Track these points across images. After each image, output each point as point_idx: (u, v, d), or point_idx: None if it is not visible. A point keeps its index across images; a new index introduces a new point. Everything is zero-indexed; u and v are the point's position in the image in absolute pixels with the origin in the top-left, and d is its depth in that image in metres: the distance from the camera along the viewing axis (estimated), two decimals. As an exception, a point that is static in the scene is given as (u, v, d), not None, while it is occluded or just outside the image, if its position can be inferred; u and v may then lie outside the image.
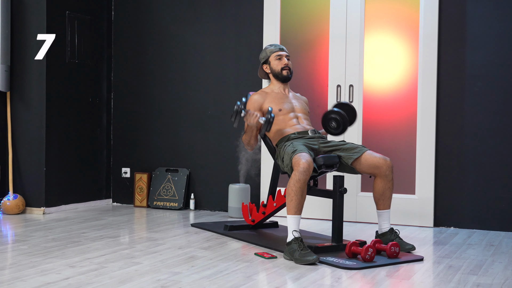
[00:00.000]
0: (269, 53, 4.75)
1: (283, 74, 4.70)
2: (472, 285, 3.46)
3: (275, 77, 4.73)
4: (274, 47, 4.76)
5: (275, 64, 4.72)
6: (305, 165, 4.04)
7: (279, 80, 4.73)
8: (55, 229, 4.96)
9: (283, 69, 4.69)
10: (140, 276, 3.52)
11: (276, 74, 4.72)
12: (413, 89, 5.41)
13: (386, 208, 4.38)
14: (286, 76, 4.70)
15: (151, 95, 6.33)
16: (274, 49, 4.75)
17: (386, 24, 5.51)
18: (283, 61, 4.71)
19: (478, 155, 5.25)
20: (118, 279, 3.43)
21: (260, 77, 4.87)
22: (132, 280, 3.42)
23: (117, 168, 6.46)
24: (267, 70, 4.77)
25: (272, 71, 4.74)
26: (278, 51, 4.74)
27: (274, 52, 4.74)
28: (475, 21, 5.24)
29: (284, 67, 4.69)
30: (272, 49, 4.76)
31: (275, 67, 4.71)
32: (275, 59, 4.72)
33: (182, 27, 6.20)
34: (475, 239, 4.82)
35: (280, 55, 4.72)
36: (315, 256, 3.87)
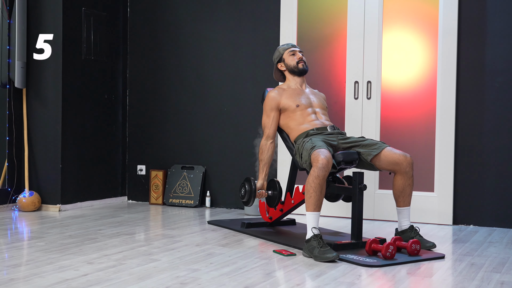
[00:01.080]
0: (282, 51, 4.77)
1: (299, 67, 4.68)
2: (496, 283, 3.40)
3: (292, 72, 4.71)
4: (286, 45, 4.82)
5: (289, 60, 4.71)
6: (324, 161, 3.99)
7: (295, 74, 4.70)
8: (71, 226, 4.94)
9: (298, 62, 4.69)
10: (159, 272, 3.48)
11: (292, 69, 4.70)
12: (432, 86, 5.35)
13: (406, 205, 4.32)
14: (302, 68, 4.68)
15: (166, 92, 6.30)
16: (287, 47, 4.79)
17: (405, 20, 5.45)
18: (297, 55, 4.72)
19: (498, 152, 5.18)
20: (137, 276, 3.40)
21: (276, 79, 4.86)
22: (151, 277, 3.38)
23: (133, 165, 6.44)
24: (282, 68, 4.74)
25: (287, 67, 4.71)
26: (290, 48, 4.77)
27: (287, 49, 4.77)
28: (496, 16, 5.17)
29: (299, 61, 4.70)
30: (285, 47, 4.80)
31: (290, 62, 4.70)
32: (289, 55, 4.72)
33: (198, 24, 6.16)
34: (495, 237, 4.76)
35: (293, 50, 4.75)
36: (335, 254, 3.82)
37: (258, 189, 4.62)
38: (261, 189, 4.64)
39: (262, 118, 4.67)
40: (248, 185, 4.63)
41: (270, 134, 4.61)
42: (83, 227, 4.89)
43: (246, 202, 4.65)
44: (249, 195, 4.61)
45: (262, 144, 4.62)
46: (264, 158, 4.60)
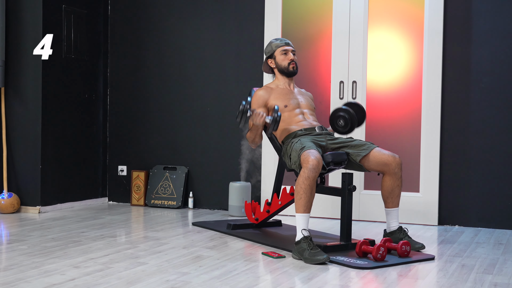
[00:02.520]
0: (275, 47, 4.64)
1: (289, 70, 4.59)
2: (489, 284, 3.38)
3: (281, 72, 4.63)
4: (280, 41, 4.66)
5: (280, 59, 4.61)
6: (314, 162, 3.94)
7: (284, 75, 4.62)
8: (53, 228, 4.83)
9: (289, 64, 4.59)
10: (148, 276, 3.40)
11: (281, 69, 4.61)
12: (417, 86, 5.33)
13: (395, 206, 4.29)
14: (292, 71, 4.60)
15: (148, 91, 6.20)
16: (280, 43, 4.64)
17: (390, 20, 5.42)
18: (289, 56, 4.60)
19: (484, 152, 5.18)
20: (126, 280, 3.32)
21: (264, 71, 4.76)
22: (141, 281, 3.30)
23: (114, 166, 6.33)
24: (272, 64, 4.66)
25: (277, 66, 4.63)
26: (284, 46, 4.63)
27: (280, 46, 4.63)
28: (481, 17, 5.17)
29: (290, 62, 4.59)
30: (278, 43, 4.65)
31: (281, 62, 4.61)
32: (280, 53, 4.62)
33: (181, 22, 6.08)
34: (482, 238, 4.75)
35: (286, 50, 4.61)
36: (325, 256, 3.78)
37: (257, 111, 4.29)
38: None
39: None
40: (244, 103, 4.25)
41: None
42: (65, 229, 4.79)
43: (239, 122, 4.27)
44: (241, 114, 4.22)
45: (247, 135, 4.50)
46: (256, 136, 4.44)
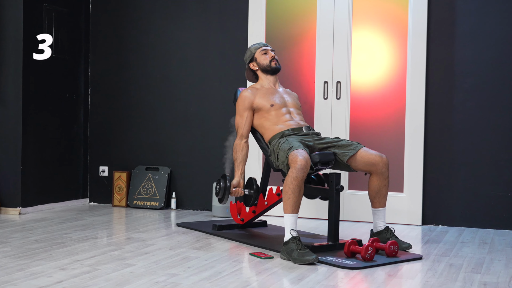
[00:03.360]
0: (254, 50, 4.68)
1: (272, 66, 4.60)
2: (478, 284, 3.39)
3: (264, 72, 4.62)
4: (258, 44, 4.73)
5: (262, 59, 4.62)
6: (302, 162, 3.92)
7: (268, 73, 4.62)
8: (35, 230, 4.75)
9: (271, 61, 4.61)
10: (137, 278, 3.35)
11: (264, 68, 4.61)
12: (401, 86, 5.35)
13: (381, 206, 4.30)
14: (275, 67, 4.61)
15: (130, 91, 6.14)
16: (258, 46, 4.70)
17: (374, 21, 5.43)
18: (270, 54, 4.64)
19: (467, 152, 5.21)
20: (115, 282, 3.27)
21: (248, 79, 4.76)
22: (130, 283, 3.25)
23: (95, 166, 6.25)
24: (255, 67, 4.64)
25: (260, 66, 4.63)
26: (262, 47, 4.69)
27: (259, 48, 4.68)
28: (464, 19, 5.20)
29: (272, 59, 4.62)
30: (256, 46, 4.71)
31: (263, 61, 4.61)
32: (261, 54, 4.64)
33: (164, 21, 6.03)
34: (466, 237, 4.78)
35: (265, 49, 4.66)
36: (314, 256, 3.76)
37: (234, 186, 4.48)
38: (237, 186, 4.50)
39: (235, 119, 4.57)
40: (223, 181, 4.49)
41: (244, 133, 4.50)
42: (47, 231, 4.71)
43: (220, 200, 4.53)
44: (223, 192, 4.47)
45: (236, 143, 4.50)
46: (239, 157, 4.47)
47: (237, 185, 4.48)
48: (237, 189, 4.48)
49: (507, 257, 4.09)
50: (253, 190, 4.56)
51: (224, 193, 4.45)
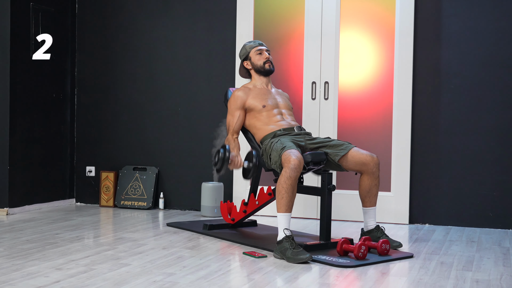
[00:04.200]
0: (249, 49, 4.67)
1: (266, 68, 4.62)
2: (471, 281, 3.45)
3: (258, 72, 4.65)
4: (254, 43, 4.70)
5: (256, 59, 4.64)
6: (296, 162, 3.96)
7: (261, 74, 4.65)
8: (25, 230, 4.73)
9: (265, 63, 4.63)
10: (134, 278, 3.36)
11: (258, 69, 4.64)
12: (388, 87, 5.41)
13: (372, 205, 4.35)
14: (269, 69, 4.63)
15: (117, 91, 6.13)
16: (254, 45, 4.69)
17: (362, 22, 5.49)
18: (264, 55, 4.64)
19: (454, 152, 5.29)
20: (112, 281, 3.27)
21: (241, 76, 4.78)
22: (128, 282, 3.26)
23: (81, 166, 6.23)
24: (248, 66, 4.68)
25: (253, 66, 4.65)
26: (258, 46, 4.68)
27: (254, 47, 4.67)
28: (451, 20, 5.28)
29: (266, 61, 4.63)
30: (252, 44, 4.69)
31: (257, 62, 4.64)
32: (255, 54, 4.65)
33: (151, 21, 6.03)
34: (454, 236, 4.85)
35: (260, 49, 4.66)
36: (308, 255, 3.80)
37: (234, 157, 4.35)
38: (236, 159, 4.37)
39: (226, 118, 4.59)
40: (222, 151, 4.32)
41: (235, 129, 4.50)
42: (38, 231, 4.69)
43: (218, 170, 4.34)
44: (221, 162, 4.30)
45: (227, 138, 4.51)
46: (235, 145, 4.44)
47: (236, 156, 4.37)
48: (238, 159, 4.35)
49: (495, 255, 4.17)
50: (252, 163, 4.37)
51: (223, 163, 4.29)
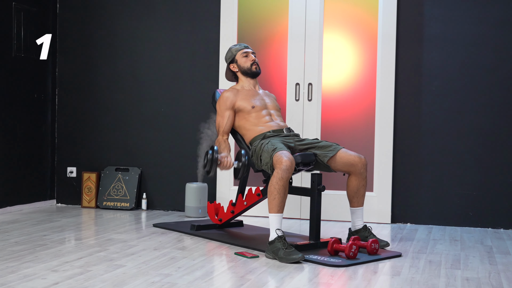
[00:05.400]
0: (235, 51, 4.72)
1: (252, 70, 4.67)
2: (462, 279, 3.54)
3: (244, 74, 4.69)
4: (239, 46, 4.76)
5: (242, 61, 4.68)
6: (288, 163, 4.01)
7: (248, 76, 4.69)
8: (11, 232, 4.69)
9: (252, 64, 4.67)
10: (132, 279, 3.38)
11: (245, 71, 4.68)
12: (371, 88, 5.49)
13: (360, 205, 4.42)
14: (256, 71, 4.68)
15: (99, 91, 6.11)
16: (240, 48, 4.74)
17: (345, 24, 5.56)
18: (250, 57, 4.70)
19: (435, 153, 5.40)
20: (111, 283, 3.28)
21: (228, 79, 4.81)
22: (126, 283, 3.28)
23: (62, 167, 6.19)
24: (235, 69, 4.71)
25: (240, 69, 4.69)
26: (243, 49, 4.73)
27: (240, 50, 4.72)
28: (432, 23, 5.38)
29: (252, 63, 4.68)
30: (237, 47, 4.74)
31: (243, 64, 4.68)
32: (241, 56, 4.69)
33: (134, 21, 6.02)
34: (436, 235, 4.95)
35: (246, 52, 4.71)
36: (300, 255, 3.85)
37: (223, 157, 4.36)
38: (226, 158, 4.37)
39: (216, 119, 4.61)
40: (211, 152, 4.33)
41: (225, 130, 4.53)
42: (24, 233, 4.66)
43: (207, 172, 4.35)
44: (210, 164, 4.31)
45: (218, 139, 4.53)
46: (225, 146, 4.44)
47: (226, 156, 4.37)
48: (227, 159, 4.35)
49: (480, 253, 4.27)
50: (241, 162, 4.37)
51: (211, 164, 4.30)
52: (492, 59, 5.28)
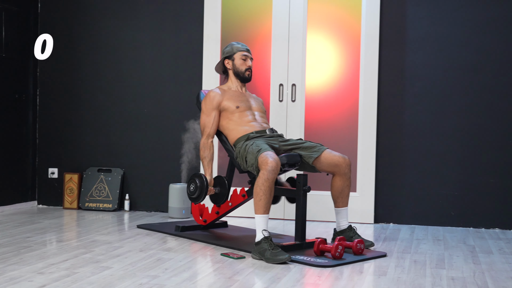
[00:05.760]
0: (236, 50, 4.66)
1: (245, 75, 4.64)
2: (447, 278, 3.57)
3: (236, 75, 4.67)
4: (242, 46, 4.69)
5: (239, 63, 4.64)
6: (273, 164, 4.02)
7: (239, 79, 4.67)
8: (-7, 233, 4.65)
9: (247, 70, 4.63)
10: (119, 281, 3.36)
11: (237, 73, 4.65)
12: (355, 89, 5.53)
13: (344, 205, 4.45)
14: (247, 77, 4.65)
15: (81, 92, 6.07)
16: (242, 48, 4.68)
17: (329, 25, 5.59)
18: (248, 63, 4.65)
19: (417, 153, 5.45)
20: (98, 285, 3.26)
21: (216, 70, 4.77)
22: (114, 285, 3.26)
23: (44, 168, 6.14)
24: (229, 65, 4.67)
25: (234, 68, 4.66)
26: (245, 51, 4.67)
27: (241, 51, 4.65)
28: (415, 25, 5.43)
29: (248, 68, 4.64)
30: (239, 47, 4.68)
31: (239, 66, 4.64)
32: (240, 57, 4.64)
33: (116, 21, 5.98)
34: (419, 235, 4.99)
35: (246, 55, 4.66)
36: (287, 255, 3.86)
37: (211, 191, 4.48)
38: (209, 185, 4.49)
39: (200, 119, 4.59)
40: (199, 180, 4.43)
41: (211, 133, 4.53)
42: (7, 234, 4.61)
43: (196, 199, 4.46)
44: (200, 191, 4.41)
45: (203, 142, 4.53)
46: (208, 155, 4.49)
47: (210, 184, 4.50)
48: (210, 188, 4.49)
49: (463, 253, 4.32)
50: (224, 188, 4.51)
51: (201, 192, 4.41)
52: (474, 60, 5.33)
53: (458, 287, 3.40)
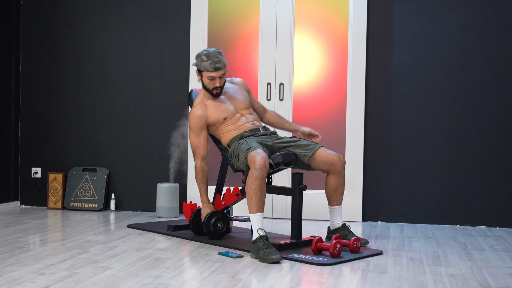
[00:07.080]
0: (203, 68, 4.40)
1: (213, 93, 4.47)
2: (447, 276, 3.62)
3: (205, 90, 4.51)
4: (209, 65, 4.37)
5: (206, 82, 4.45)
6: (261, 162, 4.01)
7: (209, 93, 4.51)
8: (-18, 234, 4.56)
9: (213, 89, 4.45)
10: (123, 281, 3.32)
11: (206, 89, 4.49)
12: (342, 88, 5.56)
13: (338, 204, 4.47)
14: (216, 95, 4.49)
15: (65, 90, 5.98)
16: (209, 67, 4.38)
17: (316, 25, 5.61)
18: (215, 82, 4.43)
19: (404, 151, 5.50)
20: (102, 285, 3.22)
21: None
22: (118, 286, 3.22)
23: (26, 168, 6.04)
24: (199, 77, 4.50)
25: (203, 85, 4.50)
26: (212, 72, 4.39)
27: (208, 71, 4.39)
28: (401, 25, 5.48)
29: (214, 88, 4.45)
30: (207, 66, 4.38)
31: (206, 84, 4.46)
32: (207, 77, 4.43)
33: (100, 18, 5.91)
34: (409, 232, 5.04)
35: (213, 77, 4.41)
36: (278, 255, 3.85)
37: (207, 214, 4.49)
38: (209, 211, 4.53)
39: (190, 137, 4.48)
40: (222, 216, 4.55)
41: (204, 154, 4.44)
42: (-4, 235, 4.54)
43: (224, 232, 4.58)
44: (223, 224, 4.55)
45: (197, 166, 4.43)
46: (205, 180, 4.46)
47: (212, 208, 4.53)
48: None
49: (456, 250, 4.38)
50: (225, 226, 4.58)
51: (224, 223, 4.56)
52: (460, 59, 5.41)
53: (460, 284, 3.44)
